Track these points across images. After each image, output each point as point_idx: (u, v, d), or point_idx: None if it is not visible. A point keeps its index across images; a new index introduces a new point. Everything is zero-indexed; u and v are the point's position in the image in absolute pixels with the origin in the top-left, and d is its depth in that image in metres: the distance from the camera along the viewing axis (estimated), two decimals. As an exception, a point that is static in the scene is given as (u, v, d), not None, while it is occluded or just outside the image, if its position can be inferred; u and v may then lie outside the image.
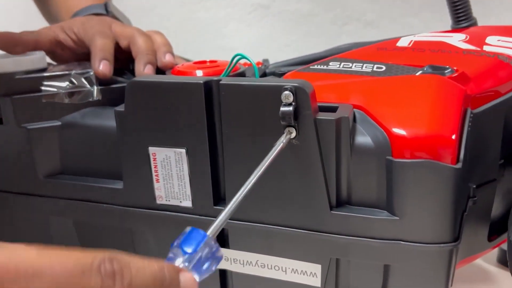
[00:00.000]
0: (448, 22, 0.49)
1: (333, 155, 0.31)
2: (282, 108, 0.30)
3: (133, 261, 0.21)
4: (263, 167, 0.28)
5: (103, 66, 0.39)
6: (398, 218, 0.31)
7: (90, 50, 0.41)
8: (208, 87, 0.33)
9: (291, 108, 0.30)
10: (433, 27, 0.99)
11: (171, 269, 0.22)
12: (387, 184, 0.31)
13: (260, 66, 0.46)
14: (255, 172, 0.27)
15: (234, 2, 1.10)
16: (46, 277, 0.18)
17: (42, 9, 0.66)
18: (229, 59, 0.37)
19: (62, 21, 0.54)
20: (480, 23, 0.49)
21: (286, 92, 0.30)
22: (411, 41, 0.42)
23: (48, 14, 0.65)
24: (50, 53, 0.46)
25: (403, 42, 0.41)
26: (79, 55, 0.45)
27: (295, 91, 0.30)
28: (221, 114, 0.33)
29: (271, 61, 1.18)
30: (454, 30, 0.45)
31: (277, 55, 1.15)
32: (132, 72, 0.44)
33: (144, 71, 0.40)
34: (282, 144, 0.30)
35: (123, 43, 0.43)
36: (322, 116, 0.31)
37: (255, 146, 0.32)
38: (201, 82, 0.32)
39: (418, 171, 0.29)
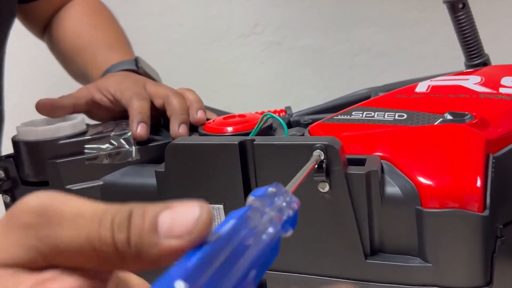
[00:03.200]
0: (458, 49, 0.50)
1: (365, 206, 0.33)
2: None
3: None
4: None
5: (140, 128, 0.42)
6: (430, 264, 0.32)
7: (128, 112, 0.44)
8: (242, 146, 0.35)
9: (323, 165, 0.32)
10: (443, 54, 1.02)
11: None
12: (418, 232, 0.32)
13: (284, 115, 0.48)
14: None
15: (247, 40, 1.14)
16: None
17: (66, 66, 0.69)
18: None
19: (92, 78, 0.57)
20: (493, 46, 0.51)
21: (317, 150, 0.32)
22: (429, 86, 0.44)
23: (73, 71, 0.68)
24: (87, 112, 0.49)
25: (421, 88, 0.43)
26: (114, 112, 0.48)
27: (326, 148, 0.32)
28: (255, 171, 0.35)
29: (287, 95, 1.20)
30: (469, 72, 0.47)
31: (291, 89, 1.18)
32: (165, 127, 0.46)
33: (179, 131, 0.43)
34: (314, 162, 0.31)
35: (158, 102, 0.46)
36: (352, 170, 0.33)
37: (289, 200, 0.34)
38: (236, 143, 0.34)
39: (447, 220, 0.31)
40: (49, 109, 0.44)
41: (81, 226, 0.18)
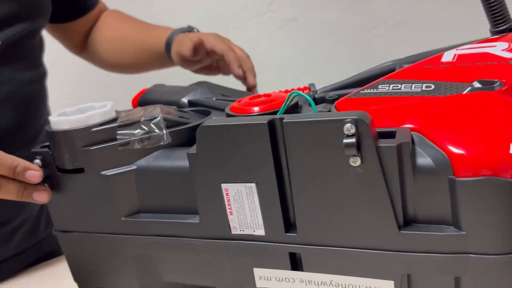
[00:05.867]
0: (481, 13, 0.49)
1: (397, 178, 0.33)
2: (345, 140, 0.32)
3: None
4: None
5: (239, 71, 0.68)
6: (465, 232, 0.32)
7: (226, 58, 0.67)
8: (272, 125, 0.35)
9: (353, 139, 0.32)
10: (465, 20, 0.99)
11: None
12: (451, 202, 0.33)
13: (308, 92, 0.48)
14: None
15: (262, 19, 1.13)
16: None
17: (114, 60, 0.80)
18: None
19: (155, 48, 0.75)
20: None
21: (348, 125, 0.32)
22: (455, 55, 0.43)
23: (124, 61, 0.79)
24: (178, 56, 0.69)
25: (447, 57, 0.43)
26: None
27: (356, 123, 0.32)
28: (286, 149, 0.35)
29: (307, 72, 1.19)
30: (496, 38, 0.46)
31: (311, 65, 1.18)
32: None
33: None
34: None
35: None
36: (383, 143, 0.33)
37: (320, 176, 0.35)
38: (265, 122, 0.35)
39: (480, 188, 0.31)
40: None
41: None
